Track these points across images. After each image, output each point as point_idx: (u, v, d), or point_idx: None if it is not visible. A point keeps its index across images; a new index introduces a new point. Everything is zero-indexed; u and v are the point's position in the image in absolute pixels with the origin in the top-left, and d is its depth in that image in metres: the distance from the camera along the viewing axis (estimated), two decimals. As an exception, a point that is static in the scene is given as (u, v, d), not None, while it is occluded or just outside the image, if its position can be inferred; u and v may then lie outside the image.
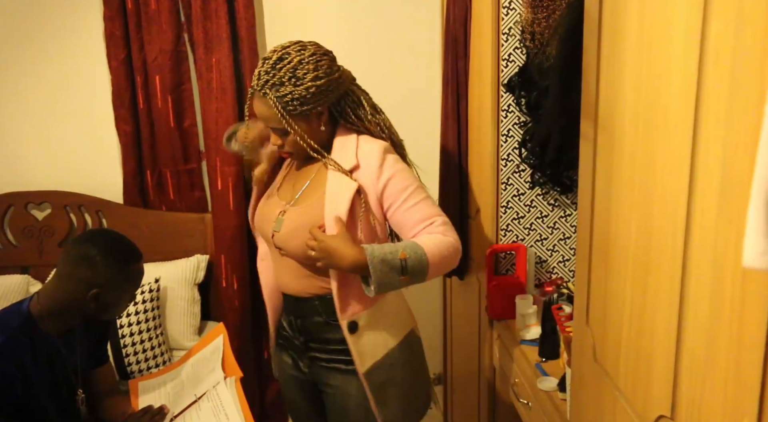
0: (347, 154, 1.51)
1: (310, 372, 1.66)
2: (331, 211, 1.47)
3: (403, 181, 1.50)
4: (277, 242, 1.55)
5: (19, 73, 2.56)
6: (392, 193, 1.49)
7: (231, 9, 2.41)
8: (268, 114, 1.47)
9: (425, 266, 1.42)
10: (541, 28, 1.73)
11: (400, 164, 1.53)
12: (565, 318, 1.49)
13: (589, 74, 1.06)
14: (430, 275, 1.45)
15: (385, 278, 1.39)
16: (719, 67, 0.69)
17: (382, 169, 1.49)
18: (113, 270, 1.51)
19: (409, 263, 1.40)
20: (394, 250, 1.41)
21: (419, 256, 1.41)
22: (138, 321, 2.26)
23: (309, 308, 1.59)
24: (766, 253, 0.54)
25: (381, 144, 1.52)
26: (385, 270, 1.39)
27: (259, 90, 1.46)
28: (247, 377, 2.09)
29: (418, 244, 1.43)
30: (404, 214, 1.49)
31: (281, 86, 1.43)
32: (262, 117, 1.50)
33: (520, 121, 1.86)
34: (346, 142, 1.54)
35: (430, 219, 1.48)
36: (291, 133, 1.48)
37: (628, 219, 0.94)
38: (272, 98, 1.44)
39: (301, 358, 1.67)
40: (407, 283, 1.44)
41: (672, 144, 0.79)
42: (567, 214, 1.93)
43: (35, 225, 2.58)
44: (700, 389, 0.76)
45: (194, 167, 2.60)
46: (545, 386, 1.52)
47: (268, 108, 1.46)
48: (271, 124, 1.50)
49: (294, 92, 1.43)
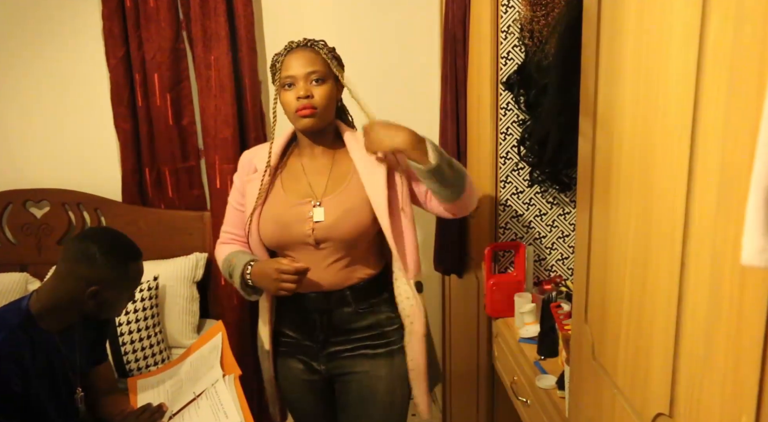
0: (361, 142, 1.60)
1: (327, 368, 1.68)
2: (372, 190, 1.56)
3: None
4: (320, 234, 1.57)
5: (17, 72, 2.55)
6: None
7: (230, 7, 2.41)
8: (314, 58, 1.58)
9: (463, 172, 1.54)
10: (540, 25, 1.73)
11: None
12: (564, 316, 1.50)
13: (587, 72, 1.06)
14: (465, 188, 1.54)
15: (440, 159, 1.48)
16: (718, 64, 0.69)
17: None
18: (113, 268, 1.51)
19: (454, 162, 1.53)
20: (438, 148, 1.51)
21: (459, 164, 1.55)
22: (137, 319, 2.26)
23: (339, 300, 1.63)
24: (764, 251, 0.54)
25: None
26: (438, 152, 1.48)
27: (304, 44, 1.60)
28: (246, 375, 2.09)
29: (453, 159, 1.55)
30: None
31: (325, 45, 1.62)
32: (307, 61, 1.57)
33: (519, 119, 1.86)
34: (354, 135, 1.65)
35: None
36: (327, 83, 1.57)
37: (627, 217, 0.94)
38: (322, 47, 1.60)
39: (315, 359, 1.69)
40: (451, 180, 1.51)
41: (671, 141, 0.79)
42: (566, 212, 1.93)
43: (34, 223, 2.57)
44: (698, 387, 0.76)
45: (193, 165, 2.60)
46: (544, 384, 1.52)
47: (315, 54, 1.59)
48: (314, 67, 1.57)
49: (334, 51, 1.63)
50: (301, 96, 1.55)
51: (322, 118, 1.58)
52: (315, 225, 1.57)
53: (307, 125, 1.58)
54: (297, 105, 1.56)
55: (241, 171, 1.75)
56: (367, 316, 1.64)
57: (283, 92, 1.59)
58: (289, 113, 1.59)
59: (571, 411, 1.27)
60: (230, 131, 2.46)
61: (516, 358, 1.72)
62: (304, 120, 1.57)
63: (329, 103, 1.58)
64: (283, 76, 1.58)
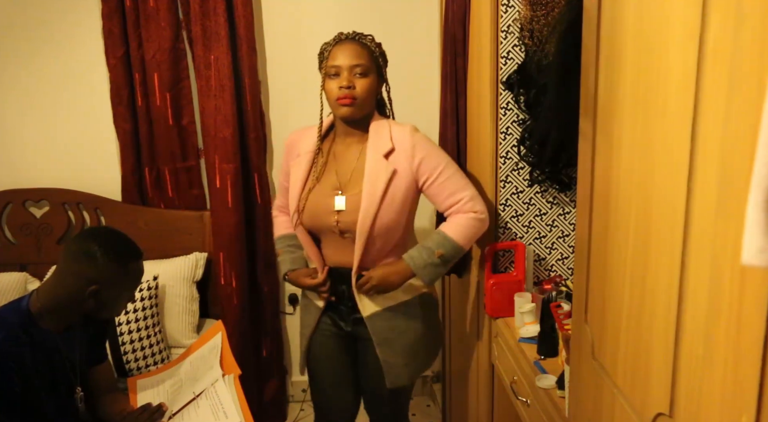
0: (382, 138, 1.72)
1: (353, 329, 1.86)
2: (371, 193, 1.69)
3: (434, 158, 1.73)
4: (343, 225, 1.73)
5: (17, 71, 2.55)
6: (426, 169, 1.71)
7: (229, 6, 2.41)
8: (360, 52, 1.69)
9: (459, 249, 1.73)
10: (540, 25, 1.73)
11: (429, 142, 1.76)
12: (564, 315, 1.50)
13: (587, 71, 1.06)
14: (466, 249, 1.77)
15: (433, 274, 1.74)
16: (718, 63, 0.69)
17: (415, 149, 1.71)
18: (113, 267, 1.51)
19: (446, 255, 1.72)
20: (430, 252, 1.72)
21: (452, 245, 1.72)
22: (136, 319, 2.26)
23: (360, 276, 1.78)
24: (764, 251, 0.54)
25: (409, 126, 1.75)
26: (430, 270, 1.73)
27: (353, 37, 1.72)
28: (246, 374, 2.09)
29: (447, 236, 1.72)
30: (437, 188, 1.73)
31: (373, 40, 1.75)
32: (353, 54, 1.68)
33: (519, 119, 1.86)
34: (380, 127, 1.74)
35: (458, 196, 1.73)
36: (369, 76, 1.69)
37: (627, 216, 0.94)
38: (369, 42, 1.73)
39: (344, 319, 1.86)
40: (452, 264, 1.78)
41: (671, 141, 0.79)
42: (566, 212, 1.93)
43: (33, 222, 2.57)
44: (698, 387, 0.76)
45: (193, 165, 2.59)
46: (544, 384, 1.52)
47: (362, 47, 1.70)
48: (359, 61, 1.68)
49: (380, 46, 1.76)
50: (343, 86, 1.67)
51: (361, 108, 1.71)
52: (339, 217, 1.73)
53: (345, 113, 1.70)
54: (339, 94, 1.68)
55: (287, 153, 1.90)
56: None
57: (328, 80, 1.71)
58: (331, 100, 1.71)
59: (571, 411, 1.27)
60: (230, 131, 2.46)
61: (516, 358, 1.72)
62: (344, 108, 1.69)
63: (369, 96, 1.71)
64: (329, 65, 1.70)
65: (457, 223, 1.73)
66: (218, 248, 2.54)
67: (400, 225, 1.75)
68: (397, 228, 1.75)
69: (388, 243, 1.77)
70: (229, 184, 2.49)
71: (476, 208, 1.73)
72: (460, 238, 1.72)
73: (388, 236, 1.74)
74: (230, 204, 2.50)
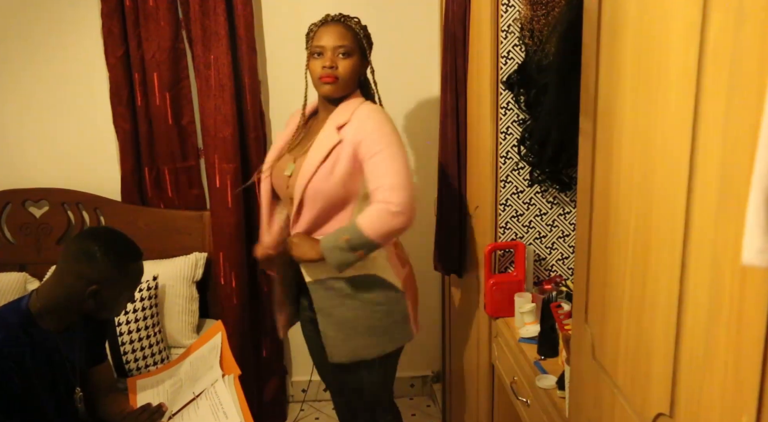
0: (344, 112, 1.76)
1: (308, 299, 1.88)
2: (312, 158, 1.74)
3: (377, 140, 1.69)
4: (291, 190, 1.79)
5: (17, 71, 2.55)
6: (364, 148, 1.70)
7: (229, 6, 2.41)
8: (345, 33, 1.75)
9: (365, 238, 1.66)
10: (540, 25, 1.73)
11: (384, 125, 1.73)
12: (564, 316, 1.49)
13: (588, 71, 1.06)
14: (380, 241, 1.68)
15: (339, 258, 1.69)
16: (718, 63, 0.69)
17: (364, 124, 1.71)
18: (113, 267, 1.51)
19: (352, 242, 1.67)
20: (338, 236, 1.69)
21: (358, 234, 1.66)
22: (136, 319, 2.26)
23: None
24: (765, 251, 0.54)
25: (377, 108, 1.79)
26: (336, 253, 1.69)
27: (339, 19, 1.78)
28: (246, 374, 2.09)
29: (356, 223, 1.68)
30: (368, 170, 1.70)
31: (358, 23, 1.80)
32: (337, 35, 1.74)
33: (519, 119, 1.86)
34: (350, 104, 1.78)
35: (379, 183, 1.68)
36: (353, 57, 1.75)
37: (627, 216, 0.93)
38: (355, 24, 1.79)
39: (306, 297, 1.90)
40: (365, 254, 1.70)
41: (671, 141, 0.79)
42: (566, 212, 1.93)
43: (33, 222, 2.57)
44: (698, 387, 0.76)
45: (192, 165, 2.59)
46: (544, 384, 1.52)
47: (347, 29, 1.76)
48: (343, 42, 1.74)
49: (366, 29, 1.81)
50: (326, 66, 1.73)
51: (342, 88, 1.76)
52: (289, 181, 1.79)
53: (327, 92, 1.76)
54: (321, 73, 1.74)
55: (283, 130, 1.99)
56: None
57: (312, 60, 1.77)
58: (314, 79, 1.77)
59: (572, 412, 1.27)
60: (230, 130, 2.46)
61: (516, 358, 1.72)
62: (326, 87, 1.75)
63: (351, 76, 1.76)
64: (313, 45, 1.77)
65: (368, 212, 1.67)
66: (218, 248, 2.54)
67: (338, 196, 1.74)
68: (334, 197, 1.74)
69: (326, 212, 1.76)
70: (229, 184, 2.49)
71: (391, 199, 1.64)
72: (366, 227, 1.65)
73: (324, 204, 1.75)
74: (230, 204, 2.50)
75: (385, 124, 1.73)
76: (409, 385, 3.02)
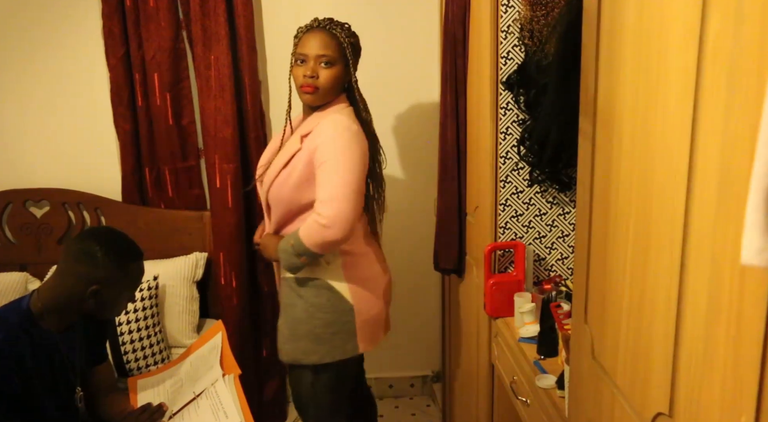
0: (312, 121, 1.79)
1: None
2: (275, 164, 1.83)
3: (328, 151, 1.71)
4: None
5: (17, 71, 2.55)
6: (317, 157, 1.73)
7: (229, 6, 2.41)
8: (328, 42, 1.76)
9: (305, 247, 1.72)
10: (540, 25, 1.73)
11: (341, 138, 1.72)
12: (564, 315, 1.50)
13: (587, 71, 1.06)
14: (317, 250, 1.73)
15: (287, 260, 1.78)
16: (718, 63, 0.69)
17: (321, 136, 1.73)
18: (114, 267, 1.51)
19: (296, 247, 1.74)
20: (288, 241, 1.77)
21: (299, 241, 1.73)
22: (137, 319, 2.26)
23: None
24: (764, 251, 0.54)
25: (345, 120, 1.76)
26: (285, 255, 1.78)
27: (324, 26, 1.79)
28: (246, 374, 2.09)
29: (297, 233, 1.74)
30: (317, 179, 1.73)
31: (345, 30, 1.80)
32: (321, 44, 1.76)
33: (519, 119, 1.86)
34: (324, 114, 1.80)
35: (317, 194, 1.71)
36: (335, 67, 1.76)
37: (627, 216, 0.94)
38: (340, 32, 1.78)
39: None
40: (308, 260, 1.77)
41: (670, 141, 0.79)
42: (566, 212, 1.93)
43: (34, 222, 2.57)
44: (698, 387, 0.76)
45: (193, 165, 2.59)
46: (544, 384, 1.52)
47: (331, 38, 1.77)
48: (326, 51, 1.76)
49: (353, 37, 1.82)
50: (307, 75, 1.75)
51: (321, 97, 1.79)
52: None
53: (307, 101, 1.81)
54: (302, 81, 1.77)
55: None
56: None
57: (296, 66, 1.80)
58: (296, 86, 1.81)
59: (571, 411, 1.27)
60: (230, 131, 2.46)
61: (516, 358, 1.72)
62: (306, 96, 1.79)
63: (332, 86, 1.78)
64: (297, 51, 1.80)
65: (307, 222, 1.73)
66: (218, 248, 2.54)
67: (295, 201, 1.80)
68: (292, 202, 1.81)
69: (288, 215, 1.85)
70: (229, 184, 2.49)
71: (321, 211, 1.68)
72: (304, 236, 1.71)
73: (284, 208, 1.83)
74: (230, 204, 2.50)
75: (340, 135, 1.72)
76: (409, 385, 3.02)
